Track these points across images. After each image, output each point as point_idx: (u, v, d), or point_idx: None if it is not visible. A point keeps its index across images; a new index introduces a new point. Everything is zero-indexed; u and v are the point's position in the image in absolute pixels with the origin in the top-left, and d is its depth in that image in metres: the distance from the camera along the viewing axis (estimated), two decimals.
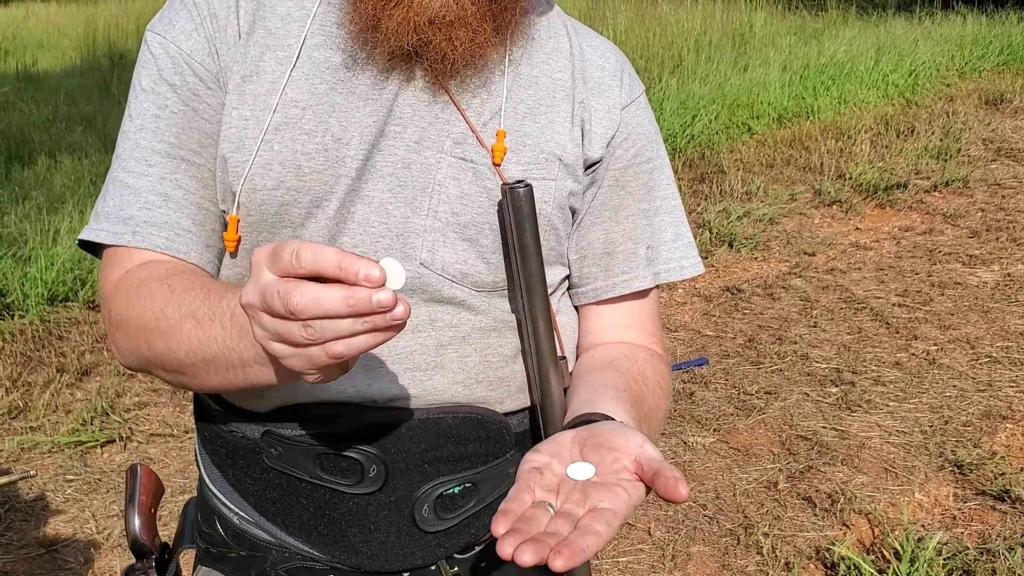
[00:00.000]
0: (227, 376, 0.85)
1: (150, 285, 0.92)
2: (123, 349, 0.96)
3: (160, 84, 0.96)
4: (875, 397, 3.68)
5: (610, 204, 1.09)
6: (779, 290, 4.81)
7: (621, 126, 1.07)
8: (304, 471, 0.99)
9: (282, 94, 0.95)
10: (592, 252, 1.10)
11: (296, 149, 0.94)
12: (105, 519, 2.92)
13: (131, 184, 0.96)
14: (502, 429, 1.03)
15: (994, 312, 4.46)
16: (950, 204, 6.03)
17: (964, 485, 3.08)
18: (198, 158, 0.96)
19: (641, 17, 10.42)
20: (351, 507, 0.99)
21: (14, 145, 6.99)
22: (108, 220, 0.97)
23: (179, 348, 0.87)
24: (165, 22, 0.98)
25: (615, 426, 0.84)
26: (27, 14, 18.85)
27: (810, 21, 11.61)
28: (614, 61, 1.10)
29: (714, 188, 6.29)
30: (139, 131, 0.97)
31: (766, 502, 3.02)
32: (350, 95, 0.96)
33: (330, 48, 0.97)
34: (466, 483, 1.02)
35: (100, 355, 4.00)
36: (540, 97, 1.03)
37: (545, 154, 1.01)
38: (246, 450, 1.02)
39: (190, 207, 0.96)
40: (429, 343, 0.98)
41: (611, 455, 0.79)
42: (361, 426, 0.97)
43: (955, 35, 10.49)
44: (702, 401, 3.67)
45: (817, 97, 8.19)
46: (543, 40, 1.05)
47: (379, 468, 0.98)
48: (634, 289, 1.11)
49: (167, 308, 0.88)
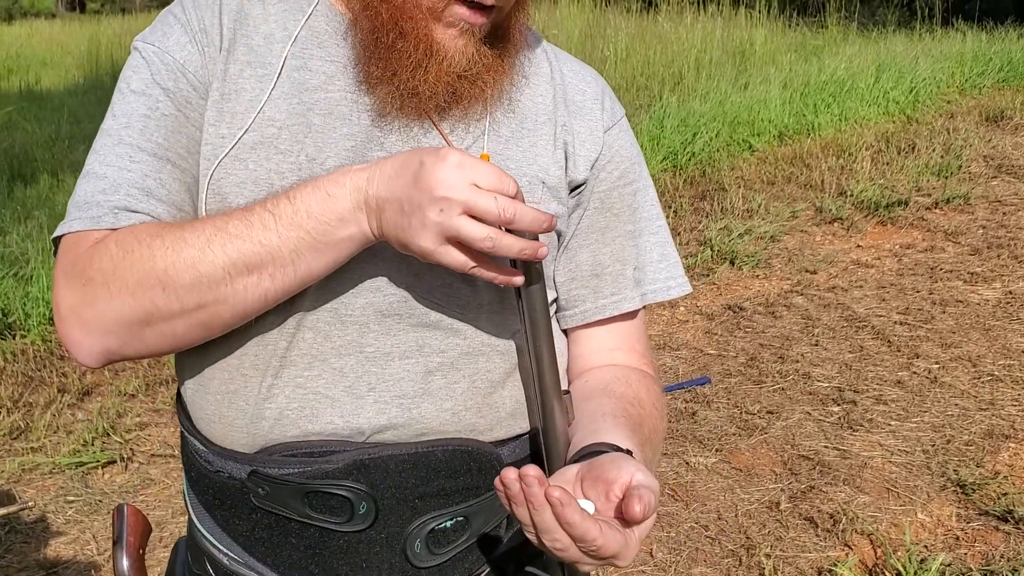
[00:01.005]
0: (272, 277, 0.88)
1: (149, 230, 0.89)
2: (103, 320, 0.89)
3: (153, 87, 0.96)
4: (877, 416, 3.67)
5: (596, 226, 1.10)
6: (781, 308, 4.80)
7: (604, 148, 1.09)
8: (292, 510, 0.98)
9: (259, 112, 0.95)
10: (580, 274, 1.11)
11: (270, 168, 0.94)
12: (105, 541, 2.91)
13: (110, 177, 0.93)
14: (493, 460, 1.03)
15: (996, 330, 4.45)
16: (951, 221, 6.03)
17: (967, 505, 3.07)
18: (184, 163, 0.96)
19: (641, 35, 10.45)
20: (342, 545, 0.98)
21: (17, 164, 7.02)
22: (82, 208, 0.93)
23: (213, 269, 0.87)
24: (158, 34, 0.98)
25: (612, 457, 0.85)
26: (31, 32, 18.95)
27: (810, 38, 11.64)
28: (595, 86, 1.12)
29: (715, 205, 6.30)
30: (124, 128, 0.95)
31: (768, 522, 3.01)
32: (327, 116, 0.96)
33: (308, 70, 0.97)
34: (458, 517, 1.01)
35: (101, 375, 4.00)
36: (522, 121, 1.04)
37: (528, 177, 1.02)
38: (233, 491, 1.01)
39: (171, 207, 0.95)
40: (417, 370, 0.98)
41: (604, 487, 0.81)
42: (349, 462, 0.96)
43: (955, 52, 10.51)
44: (704, 420, 3.66)
45: (818, 114, 8.21)
46: (523, 66, 1.07)
47: (369, 505, 0.97)
48: (623, 310, 1.12)
49: (185, 237, 0.88)
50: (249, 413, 0.98)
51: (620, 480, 0.80)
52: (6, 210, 5.64)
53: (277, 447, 0.98)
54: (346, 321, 0.95)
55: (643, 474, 0.80)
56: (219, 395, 1.00)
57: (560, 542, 0.76)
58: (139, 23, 17.38)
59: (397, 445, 0.98)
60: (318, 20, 1.00)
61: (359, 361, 0.97)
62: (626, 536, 0.77)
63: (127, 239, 0.89)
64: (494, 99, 1.01)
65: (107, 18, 20.49)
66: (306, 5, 1.00)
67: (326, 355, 0.97)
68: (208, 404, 1.01)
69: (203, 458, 1.03)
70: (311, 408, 0.97)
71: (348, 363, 0.97)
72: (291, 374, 0.97)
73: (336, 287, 0.95)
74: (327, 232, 0.87)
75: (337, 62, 0.99)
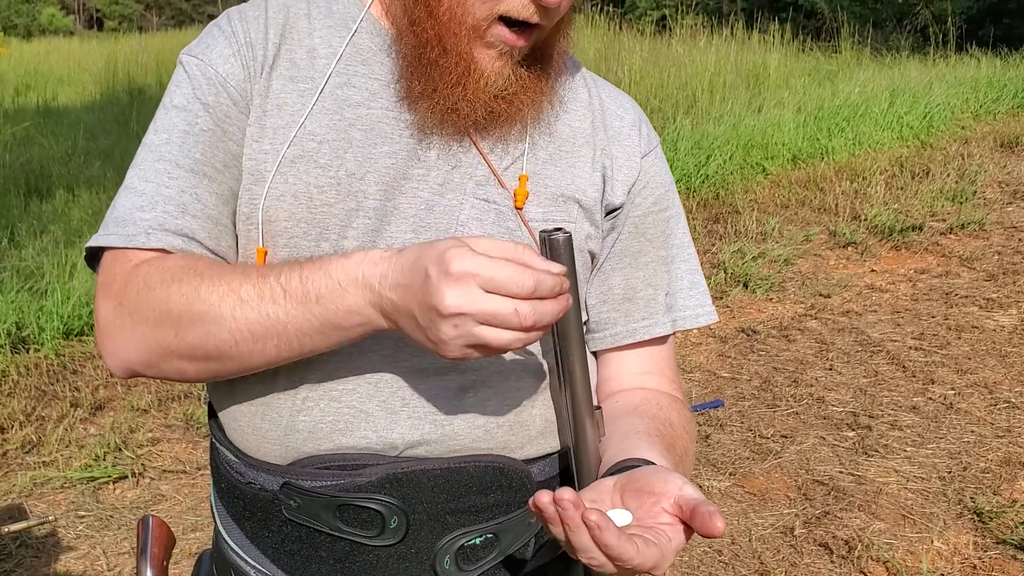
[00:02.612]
0: (278, 348, 0.88)
1: (172, 271, 0.90)
2: (129, 344, 0.92)
3: (193, 102, 0.97)
4: (892, 442, 3.64)
5: (630, 250, 1.11)
6: (795, 332, 4.78)
7: (641, 174, 1.10)
8: (324, 523, 0.98)
9: (301, 127, 0.96)
10: (612, 297, 1.11)
11: (309, 182, 0.95)
12: (116, 556, 2.91)
13: (148, 193, 0.95)
14: (523, 478, 1.02)
15: (1012, 356, 4.42)
16: (966, 247, 6.00)
17: (984, 534, 3.03)
18: (221, 176, 0.96)
19: (655, 58, 10.49)
20: (371, 560, 0.98)
21: (33, 179, 7.06)
22: (119, 224, 0.95)
23: (220, 330, 0.87)
24: (203, 46, 0.99)
25: (655, 470, 0.84)
26: (49, 49, 19.14)
27: (824, 63, 11.67)
28: (632, 112, 1.14)
29: (729, 228, 6.29)
30: (165, 144, 0.96)
31: (782, 548, 2.98)
32: (368, 132, 0.97)
33: (352, 87, 0.98)
34: (488, 533, 1.01)
35: (114, 390, 4.00)
36: (560, 144, 1.05)
37: (564, 197, 1.03)
38: (264, 502, 1.01)
39: (206, 221, 0.96)
40: (451, 387, 0.98)
41: (651, 499, 0.80)
42: (382, 476, 0.96)
43: (969, 78, 10.52)
44: (717, 444, 3.64)
45: (831, 138, 8.21)
46: (565, 91, 1.08)
47: (400, 519, 0.97)
48: (654, 335, 1.13)
49: (200, 290, 0.88)
50: (283, 425, 0.98)
51: (668, 492, 0.79)
52: (22, 224, 5.67)
53: (310, 459, 0.98)
54: (383, 335, 0.95)
55: (691, 487, 0.80)
56: (253, 406, 1.00)
57: (596, 559, 0.75)
58: (156, 42, 17.54)
59: (430, 460, 0.98)
60: (362, 37, 1.01)
61: (394, 376, 0.97)
62: (662, 549, 0.77)
63: (153, 275, 0.91)
64: (532, 120, 1.02)
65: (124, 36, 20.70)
66: (351, 22, 1.01)
67: (362, 369, 0.97)
68: (241, 415, 1.01)
69: (234, 469, 1.03)
70: (345, 422, 0.97)
71: (383, 377, 0.97)
72: (326, 387, 0.97)
73: None
74: (334, 320, 0.86)
75: (380, 79, 0.99)
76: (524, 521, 1.03)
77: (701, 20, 12.91)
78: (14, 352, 4.19)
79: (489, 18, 0.93)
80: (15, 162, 7.35)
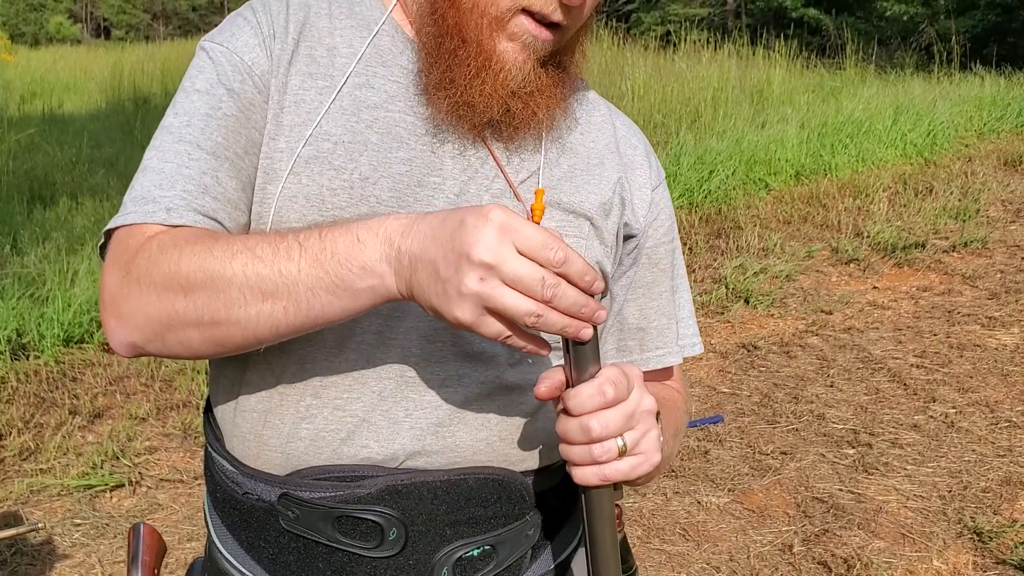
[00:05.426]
0: (286, 310, 0.84)
1: (187, 236, 0.88)
2: (134, 313, 0.89)
3: (217, 87, 0.95)
4: (892, 460, 3.62)
5: (644, 281, 1.13)
6: (795, 348, 4.77)
7: (652, 205, 1.12)
8: (322, 534, 0.97)
9: (317, 126, 0.95)
10: (627, 327, 1.14)
11: (322, 184, 0.94)
12: (111, 564, 2.90)
13: (168, 172, 0.92)
14: (523, 491, 1.02)
15: (1014, 375, 4.40)
16: (969, 265, 5.99)
17: (983, 553, 3.01)
18: (241, 162, 0.95)
19: (659, 72, 10.51)
20: (369, 571, 0.97)
21: (37, 186, 7.07)
22: (137, 203, 0.92)
23: (229, 287, 0.84)
24: (227, 34, 0.98)
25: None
26: (56, 57, 19.23)
27: (828, 79, 11.68)
28: (643, 144, 1.17)
29: (730, 244, 6.29)
30: (186, 127, 0.94)
31: (780, 566, 2.96)
32: (384, 135, 0.96)
33: (371, 87, 0.98)
34: (485, 546, 1.00)
35: (113, 398, 4.00)
36: (575, 163, 1.06)
37: (576, 214, 1.04)
38: (261, 512, 0.99)
39: (226, 204, 0.94)
40: (455, 398, 0.98)
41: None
42: (382, 488, 0.95)
43: (973, 96, 10.53)
44: (716, 460, 3.63)
45: (835, 155, 8.21)
46: (580, 111, 1.09)
47: (399, 531, 0.96)
48: (666, 364, 1.16)
49: (213, 249, 0.85)
50: (285, 432, 0.97)
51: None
52: (24, 231, 5.68)
53: (309, 470, 0.97)
54: (389, 343, 0.95)
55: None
56: (256, 413, 0.99)
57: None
58: (162, 51, 17.61)
59: (430, 472, 0.97)
60: (383, 39, 1.00)
61: (398, 386, 0.96)
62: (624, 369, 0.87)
63: (167, 241, 0.88)
64: (547, 129, 1.02)
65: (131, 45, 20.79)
66: (373, 23, 1.01)
67: (367, 378, 0.96)
68: (243, 422, 1.00)
69: (231, 479, 1.02)
70: (347, 430, 0.96)
71: (388, 387, 0.96)
72: (331, 395, 0.96)
73: (382, 307, 0.92)
74: (346, 278, 0.83)
75: (399, 82, 0.99)
76: (522, 533, 1.03)
77: (706, 36, 12.93)
78: (14, 359, 4.19)
79: (512, 9, 0.93)
80: (19, 169, 7.36)
